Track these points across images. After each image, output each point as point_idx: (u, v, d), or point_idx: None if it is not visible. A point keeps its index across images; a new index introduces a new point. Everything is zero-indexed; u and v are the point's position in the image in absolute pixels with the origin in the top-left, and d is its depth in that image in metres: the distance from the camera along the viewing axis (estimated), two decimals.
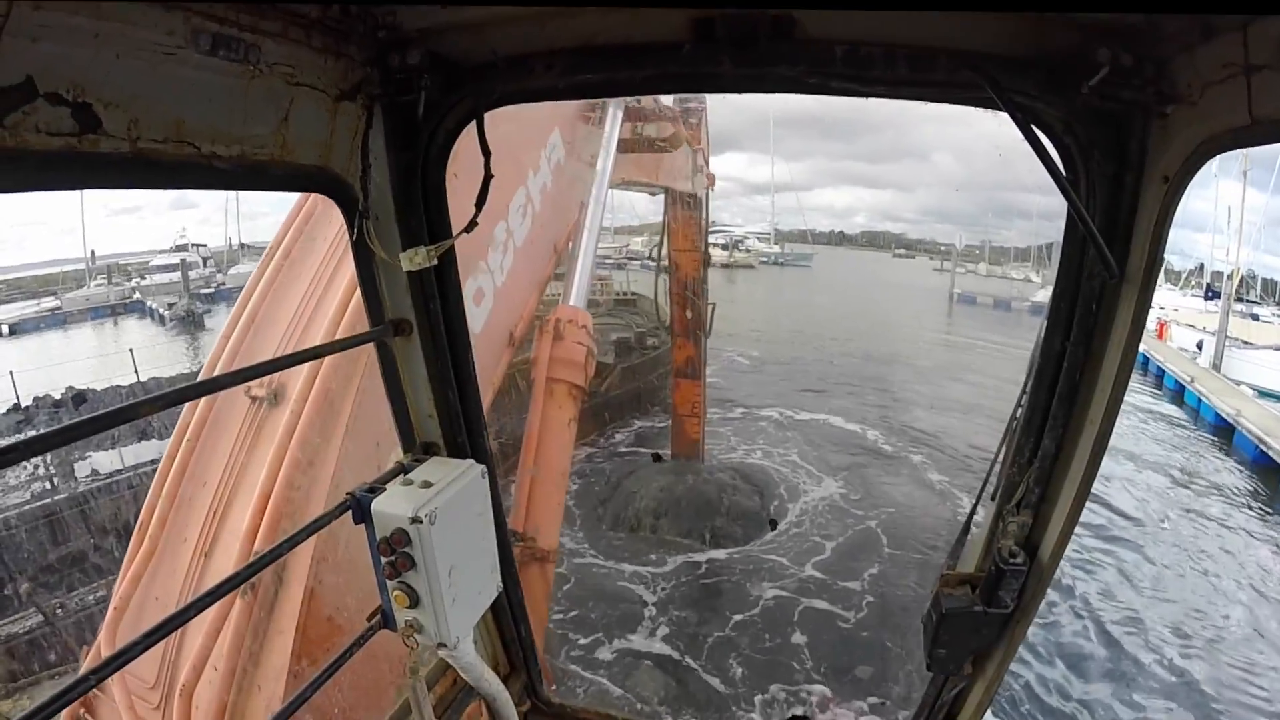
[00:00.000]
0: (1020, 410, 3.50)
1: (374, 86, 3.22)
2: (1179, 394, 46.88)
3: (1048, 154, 2.70)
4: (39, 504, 22.85)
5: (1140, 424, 41.67)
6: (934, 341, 65.58)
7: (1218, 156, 2.59)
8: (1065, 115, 2.74)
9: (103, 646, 8.05)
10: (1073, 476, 3.28)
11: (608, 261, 68.79)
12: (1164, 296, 67.40)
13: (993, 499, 3.72)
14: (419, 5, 3.06)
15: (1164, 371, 49.60)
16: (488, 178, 3.37)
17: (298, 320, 8.26)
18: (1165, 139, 2.66)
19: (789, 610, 22.56)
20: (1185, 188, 2.66)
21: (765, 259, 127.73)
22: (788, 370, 51.35)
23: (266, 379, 7.83)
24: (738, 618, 22.23)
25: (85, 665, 8.90)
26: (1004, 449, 3.68)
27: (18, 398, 33.31)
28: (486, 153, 3.36)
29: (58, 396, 34.19)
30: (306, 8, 2.75)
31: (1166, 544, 28.03)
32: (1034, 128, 2.71)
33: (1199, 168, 2.60)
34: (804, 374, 50.24)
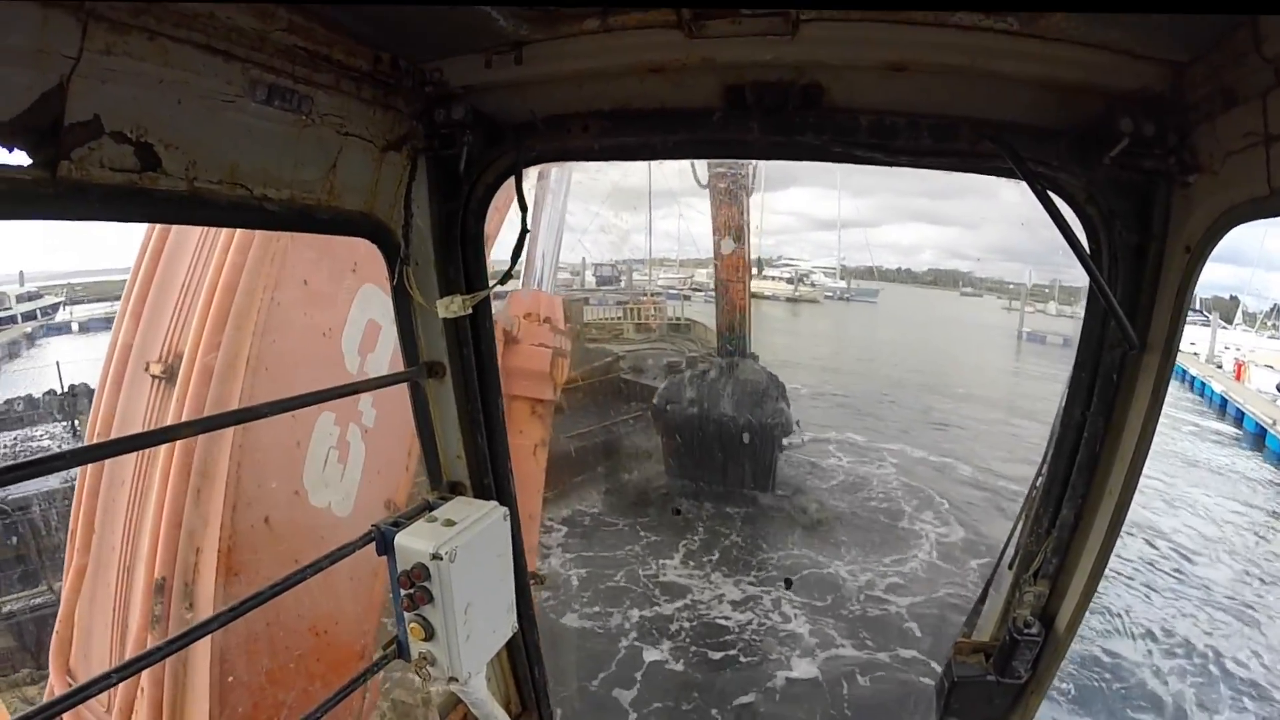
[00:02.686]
0: (1040, 479, 3.55)
1: (419, 140, 3.43)
2: (1260, 437, 46.60)
3: (1067, 225, 2.78)
4: None
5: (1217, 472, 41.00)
6: (1001, 379, 65.54)
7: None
8: (1087, 185, 2.84)
9: (53, 670, 7.99)
10: (1090, 547, 3.34)
11: (672, 292, 70.62)
12: (1240, 337, 68.51)
13: (1010, 567, 3.75)
14: (464, 63, 3.24)
15: (1243, 414, 49.22)
16: (524, 232, 3.55)
17: (189, 281, 7.72)
18: (1187, 209, 2.73)
19: None
20: (1207, 258, 2.70)
21: (830, 294, 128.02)
22: (848, 400, 52.31)
23: (163, 353, 7.54)
24: None
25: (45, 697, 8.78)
26: (1023, 517, 3.73)
27: (61, 385, 37.10)
28: (524, 207, 3.52)
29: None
30: (358, 61, 2.96)
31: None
32: (1056, 197, 2.80)
33: (1220, 238, 2.63)
34: (865, 404, 50.50)
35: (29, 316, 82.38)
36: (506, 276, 3.90)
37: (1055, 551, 3.45)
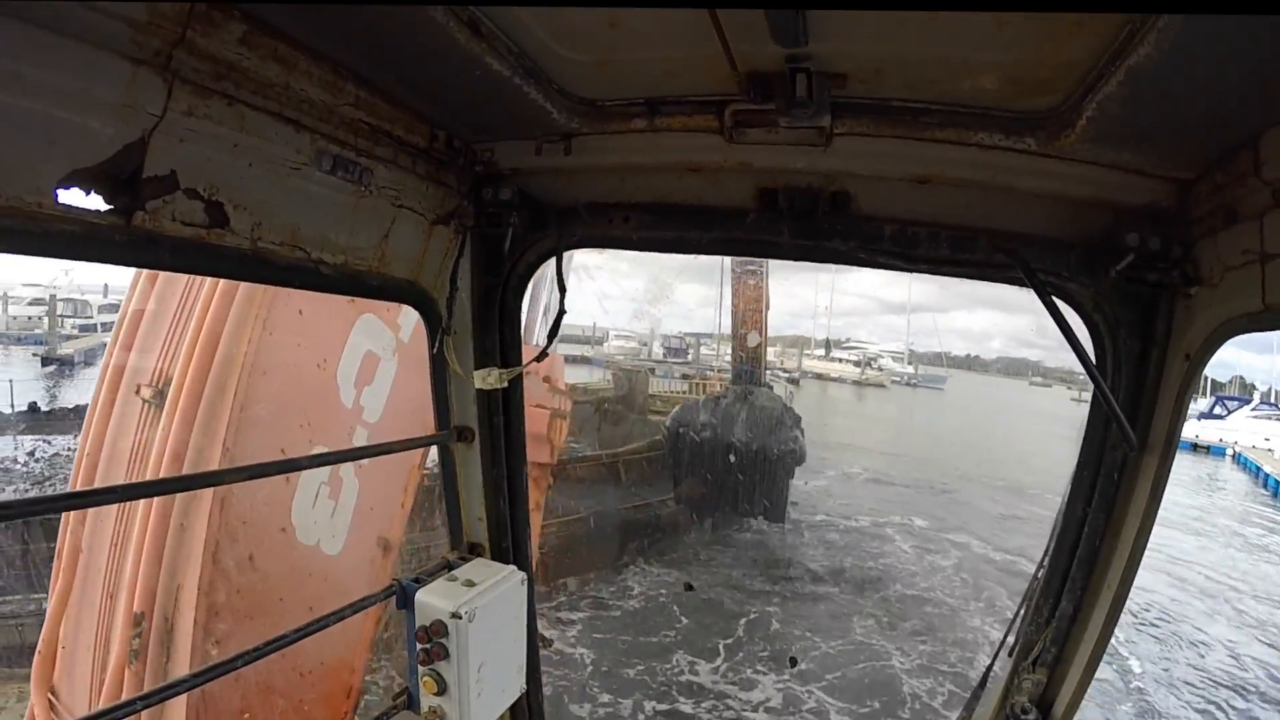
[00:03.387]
0: (1041, 571, 3.64)
1: (467, 216, 3.65)
2: None
3: (1071, 332, 2.94)
4: None
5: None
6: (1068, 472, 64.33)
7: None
8: (1095, 295, 2.99)
9: (34, 689, 7.87)
10: (1089, 638, 3.40)
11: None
12: None
13: (1010, 655, 3.80)
14: (515, 148, 3.44)
15: None
16: (562, 313, 3.95)
17: (184, 304, 7.52)
18: (1189, 318, 2.86)
19: None
20: (1205, 365, 2.82)
21: (898, 379, 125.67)
22: (909, 488, 49.64)
23: (155, 375, 7.40)
24: None
25: None
26: (1024, 607, 3.80)
27: None
28: (563, 290, 3.92)
29: None
30: (415, 138, 3.14)
31: None
32: (1063, 304, 2.98)
33: (1218, 346, 2.74)
34: (926, 493, 48.59)
35: (108, 327, 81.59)
36: (543, 355, 4.04)
37: (1054, 641, 3.51)
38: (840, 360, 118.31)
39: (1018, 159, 2.76)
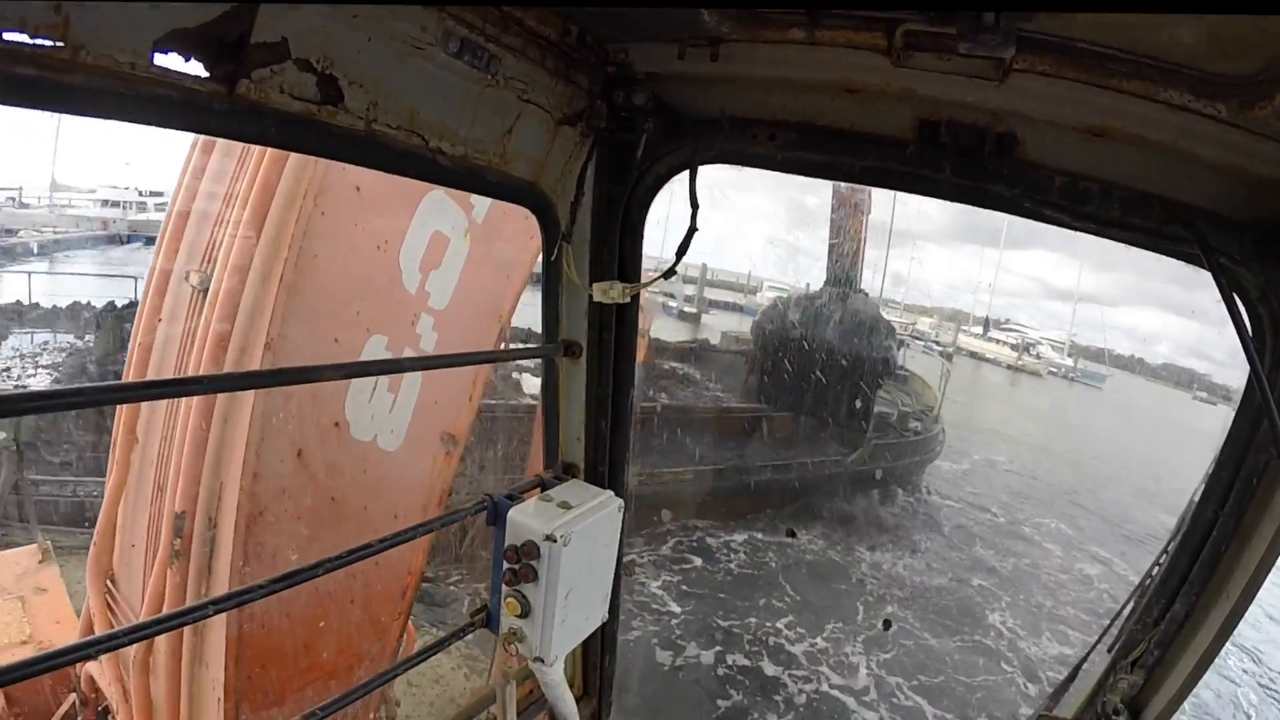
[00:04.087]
0: (1157, 569, 3.50)
1: (598, 119, 3.44)
2: None
3: (1242, 320, 2.75)
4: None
5: None
6: None
7: None
8: (1264, 284, 2.77)
9: (89, 580, 7.84)
10: (1196, 647, 3.23)
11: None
12: None
13: (1109, 650, 3.67)
14: (653, 50, 3.22)
15: None
16: (692, 230, 3.53)
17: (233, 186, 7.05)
18: None
19: None
20: None
21: (1055, 370, 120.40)
22: (1051, 486, 47.81)
23: (204, 260, 7.01)
24: None
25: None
26: (1133, 603, 3.65)
27: None
28: (695, 205, 3.53)
29: None
30: (547, 30, 2.97)
31: None
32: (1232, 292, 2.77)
33: None
34: (1066, 494, 46.59)
35: None
36: (670, 271, 3.69)
37: (1159, 644, 3.35)
38: (997, 342, 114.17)
39: (1203, 124, 2.48)
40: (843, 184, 31.81)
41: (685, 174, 3.62)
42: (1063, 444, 62.07)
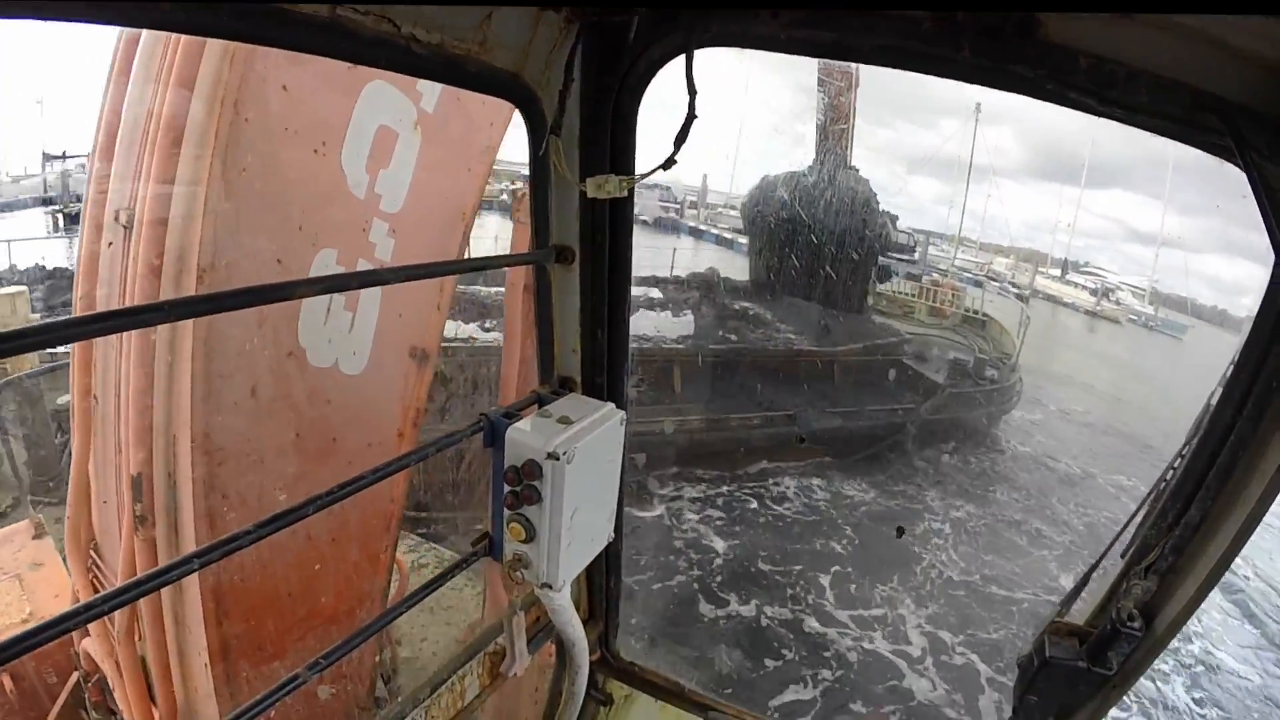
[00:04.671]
0: (1172, 473, 3.34)
1: (585, 2, 3.26)
2: None
3: (1271, 217, 2.56)
4: None
5: None
6: None
7: None
8: None
9: (71, 563, 7.61)
10: (1211, 553, 3.12)
11: (965, 275, 68.46)
12: None
13: (1122, 556, 3.54)
14: None
15: None
16: (690, 117, 3.28)
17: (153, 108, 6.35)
18: None
19: None
20: None
21: (1134, 318, 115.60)
22: (1124, 439, 45.39)
23: (130, 196, 6.36)
24: None
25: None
26: (1146, 508, 3.50)
27: None
28: (693, 91, 3.25)
29: None
30: None
31: None
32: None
33: None
34: (1149, 454, 42.91)
35: None
36: (670, 161, 3.35)
37: (1173, 550, 3.23)
38: (1076, 285, 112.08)
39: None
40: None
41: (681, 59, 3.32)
42: (1140, 395, 61.73)
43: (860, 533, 27.42)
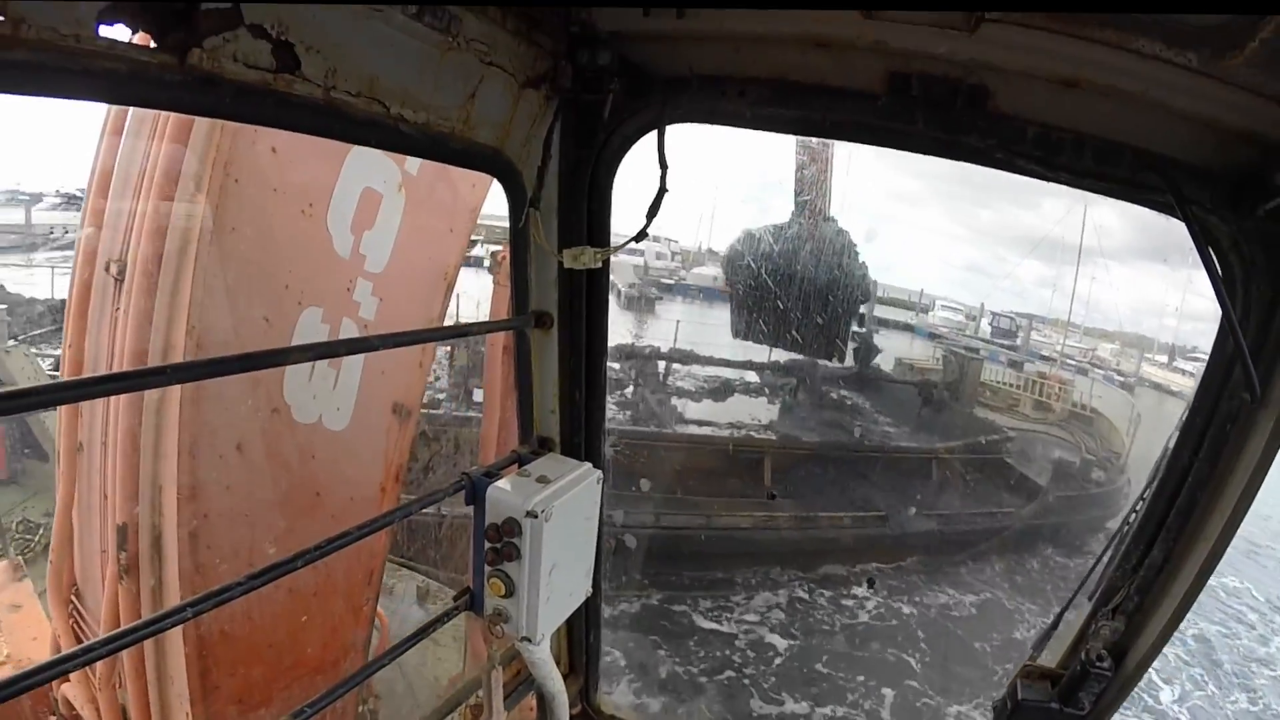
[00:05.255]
0: (1135, 516, 3.58)
1: (563, 81, 3.38)
2: None
3: (1215, 267, 2.81)
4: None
5: None
6: None
7: None
8: (1235, 232, 2.85)
9: (53, 608, 7.62)
10: (1175, 591, 3.34)
11: (1069, 363, 64.16)
12: None
13: (1089, 599, 3.76)
14: (617, 9, 3.22)
15: None
16: (662, 191, 3.53)
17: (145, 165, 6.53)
18: None
19: None
20: None
21: None
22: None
23: (122, 246, 6.48)
24: None
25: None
26: (1111, 550, 3.75)
27: None
28: (664, 165, 3.54)
29: None
30: None
31: None
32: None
33: None
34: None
35: None
36: (641, 234, 3.64)
37: (1139, 590, 3.44)
38: (1183, 372, 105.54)
39: (1175, 74, 2.55)
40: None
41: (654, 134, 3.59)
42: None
43: (939, 642, 25.59)
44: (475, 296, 23.33)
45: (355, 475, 6.86)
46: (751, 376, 37.70)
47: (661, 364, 38.12)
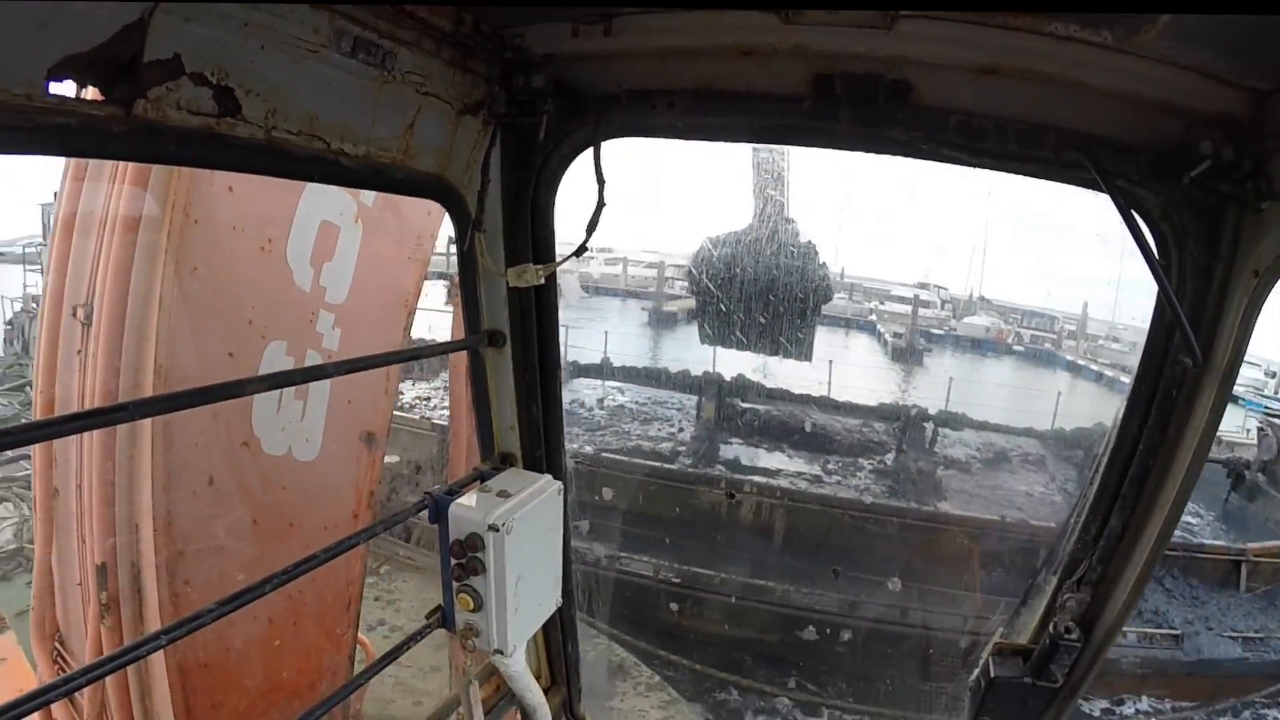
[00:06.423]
0: (1091, 488, 3.62)
1: (498, 105, 3.51)
2: None
3: (1144, 238, 2.92)
4: None
5: None
6: None
7: None
8: (1164, 202, 2.92)
9: (36, 651, 7.74)
10: (1136, 559, 3.45)
11: None
12: None
13: (1054, 573, 3.82)
14: (547, 31, 3.33)
15: None
16: (600, 205, 3.57)
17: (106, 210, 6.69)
18: (1258, 234, 2.83)
19: None
20: (1274, 284, 2.83)
21: None
22: None
23: (87, 291, 6.69)
24: None
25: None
26: (1071, 524, 3.79)
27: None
28: (601, 181, 3.59)
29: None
30: (441, 20, 3.02)
31: None
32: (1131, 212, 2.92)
33: None
34: None
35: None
36: (581, 249, 3.73)
37: (1101, 560, 3.54)
38: None
39: (1091, 53, 2.67)
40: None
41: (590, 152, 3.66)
42: None
43: None
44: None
45: (327, 503, 6.99)
46: (1030, 444, 34.98)
47: (929, 427, 34.77)
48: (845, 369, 40.29)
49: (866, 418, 36.46)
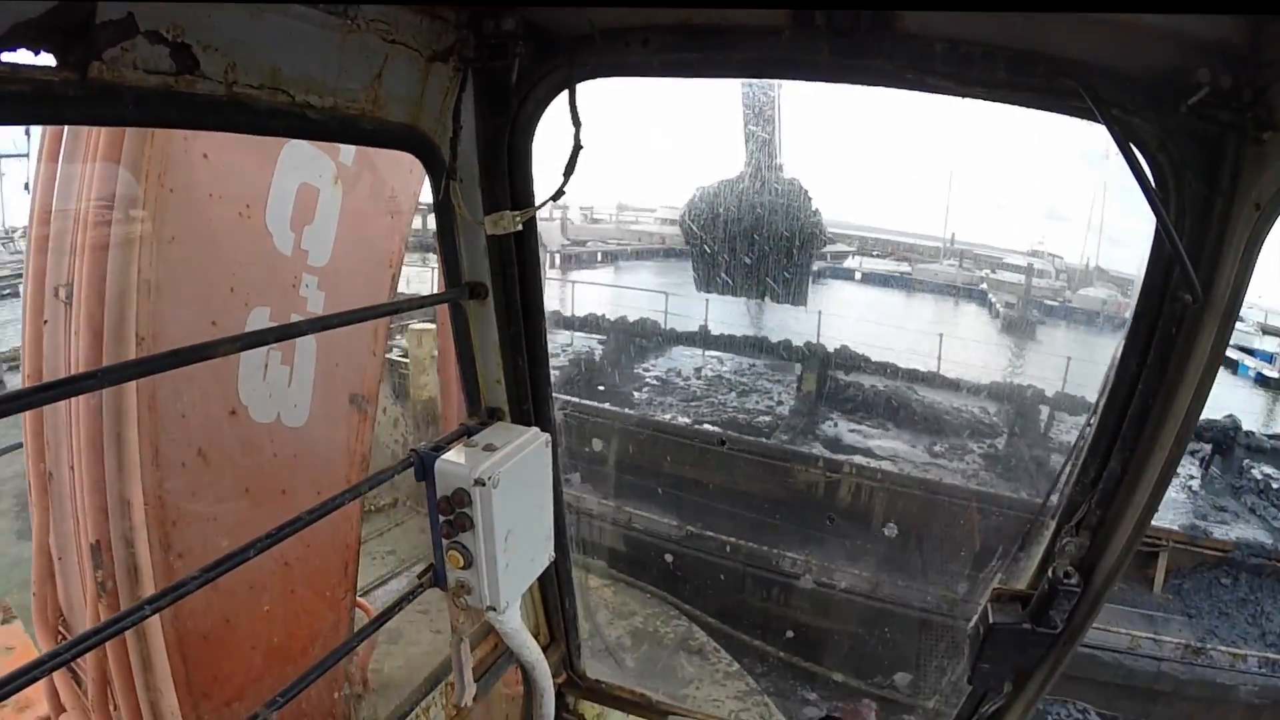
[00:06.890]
0: (1089, 430, 3.59)
1: (468, 50, 3.43)
2: None
3: (1141, 169, 2.81)
4: None
5: None
6: None
7: None
8: (1160, 132, 2.83)
9: (39, 635, 7.66)
10: (1136, 502, 3.37)
11: None
12: None
13: (1052, 518, 3.80)
14: None
15: None
16: (577, 148, 3.51)
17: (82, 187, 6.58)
18: (1259, 165, 2.72)
19: None
20: (1277, 217, 2.72)
21: None
22: None
23: (67, 270, 6.58)
24: None
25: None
26: (1069, 467, 3.78)
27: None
28: (577, 123, 3.51)
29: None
30: None
31: None
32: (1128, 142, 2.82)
33: None
34: None
35: (820, 258, 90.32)
36: (559, 193, 3.65)
37: (1100, 504, 3.49)
38: None
39: None
40: None
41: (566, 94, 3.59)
42: None
43: None
44: None
45: (319, 469, 6.98)
46: None
47: (1045, 410, 32.40)
48: (955, 342, 39.27)
49: (977, 396, 35.47)
